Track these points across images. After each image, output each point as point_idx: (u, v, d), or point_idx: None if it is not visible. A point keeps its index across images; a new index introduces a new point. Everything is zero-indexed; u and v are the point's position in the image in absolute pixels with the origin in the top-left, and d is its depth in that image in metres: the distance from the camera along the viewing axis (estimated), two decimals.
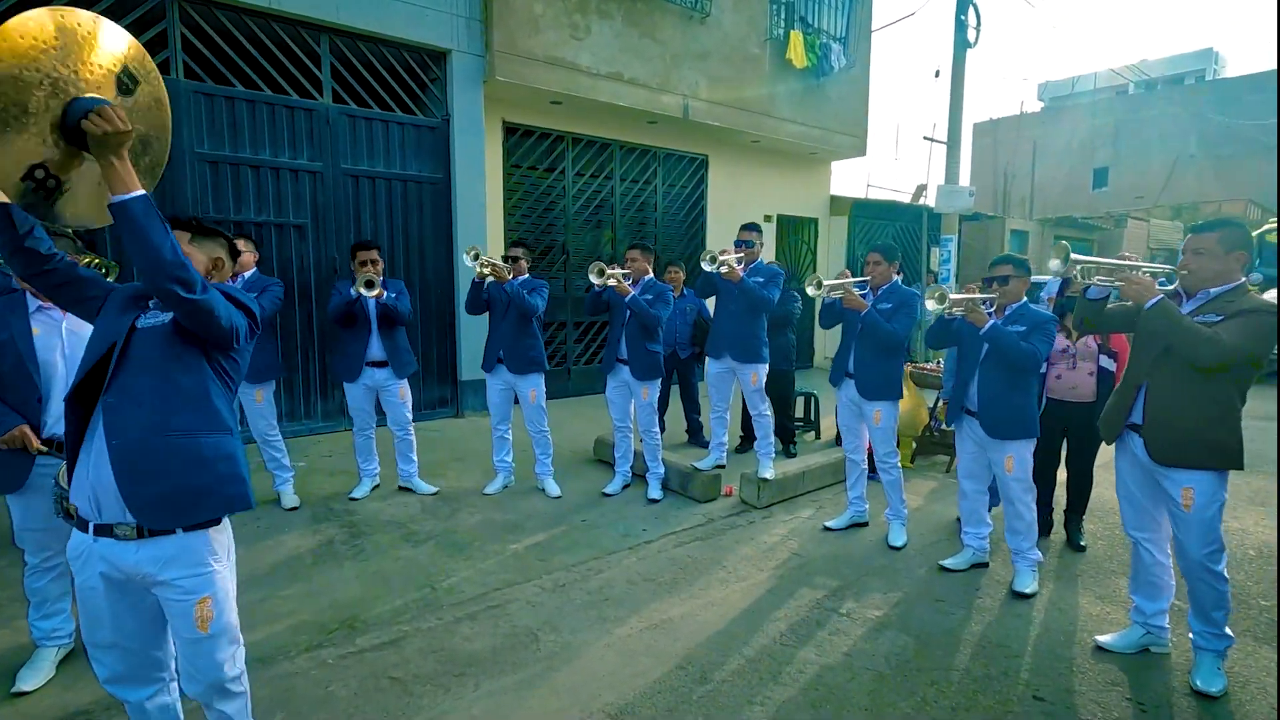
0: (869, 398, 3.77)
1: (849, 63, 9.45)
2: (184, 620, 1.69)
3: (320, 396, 6.08)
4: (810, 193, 10.51)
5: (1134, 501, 2.73)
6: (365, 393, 4.33)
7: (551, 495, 4.52)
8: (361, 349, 4.25)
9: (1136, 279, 2.47)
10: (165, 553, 1.65)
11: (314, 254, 5.95)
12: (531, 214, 7.59)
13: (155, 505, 1.61)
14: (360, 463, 4.49)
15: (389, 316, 4.22)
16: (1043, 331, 3.14)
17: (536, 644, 2.80)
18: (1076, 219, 18.02)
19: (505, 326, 4.38)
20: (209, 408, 1.70)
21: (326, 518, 4.10)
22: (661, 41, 7.60)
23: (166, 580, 1.66)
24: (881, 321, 3.67)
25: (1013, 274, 3.26)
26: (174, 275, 1.52)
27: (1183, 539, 2.52)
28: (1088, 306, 2.73)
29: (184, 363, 1.66)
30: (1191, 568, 2.52)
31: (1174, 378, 2.47)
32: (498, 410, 4.54)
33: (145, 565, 1.64)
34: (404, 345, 4.39)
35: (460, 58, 6.36)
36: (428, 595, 3.21)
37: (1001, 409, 3.20)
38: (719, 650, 2.77)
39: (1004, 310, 3.29)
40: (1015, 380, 3.19)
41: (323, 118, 5.85)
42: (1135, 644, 2.78)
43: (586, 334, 8.19)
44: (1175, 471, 2.49)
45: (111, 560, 1.65)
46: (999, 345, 3.14)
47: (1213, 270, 2.47)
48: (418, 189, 6.44)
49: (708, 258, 4.11)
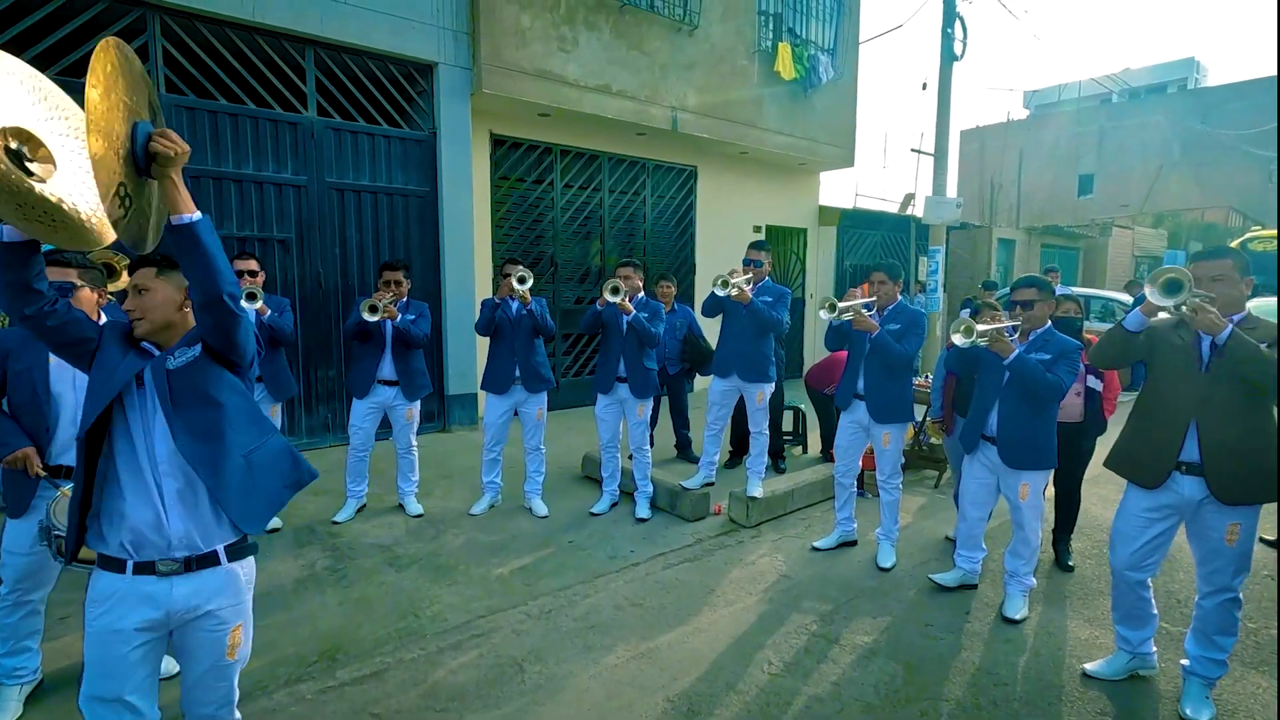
0: (880, 420, 3.72)
1: (837, 74, 9.49)
2: (216, 649, 1.75)
3: (305, 412, 6.01)
4: (799, 203, 10.54)
5: (1137, 544, 2.60)
6: (371, 410, 4.29)
7: (539, 515, 4.47)
8: (373, 366, 4.23)
9: (1209, 309, 2.29)
10: (212, 584, 1.71)
11: (299, 268, 5.88)
12: (519, 226, 7.55)
13: (259, 514, 1.76)
14: (349, 483, 4.43)
15: (403, 338, 4.19)
16: (1068, 361, 3.05)
17: (521, 675, 2.76)
18: (1063, 227, 18.18)
19: (519, 346, 4.36)
20: (260, 418, 1.84)
21: (309, 541, 4.04)
22: (649, 53, 7.59)
23: (211, 610, 1.71)
24: (892, 343, 3.63)
25: (1037, 298, 3.16)
26: (231, 290, 1.64)
27: (1217, 571, 2.47)
28: (1128, 338, 2.58)
29: (226, 386, 1.76)
30: (1215, 594, 2.49)
31: (1226, 412, 2.38)
32: (497, 432, 4.48)
33: (191, 598, 1.68)
34: (419, 367, 4.36)
35: (447, 70, 6.32)
36: (411, 623, 3.15)
37: (1022, 438, 3.13)
38: (706, 681, 2.74)
39: (1027, 335, 3.20)
40: (1036, 409, 3.11)
41: (307, 131, 5.80)
42: (1123, 670, 2.76)
43: (575, 346, 8.15)
44: (1231, 508, 2.40)
45: (154, 598, 1.65)
46: (1023, 376, 3.05)
47: (1232, 296, 2.40)
48: (404, 202, 6.39)
49: (719, 282, 4.07)
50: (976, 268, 14.63)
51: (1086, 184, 32.99)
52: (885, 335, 3.65)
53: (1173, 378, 2.50)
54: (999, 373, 3.18)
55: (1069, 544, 3.93)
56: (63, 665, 2.67)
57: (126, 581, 1.63)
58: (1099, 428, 3.85)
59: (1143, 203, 25.96)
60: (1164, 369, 2.54)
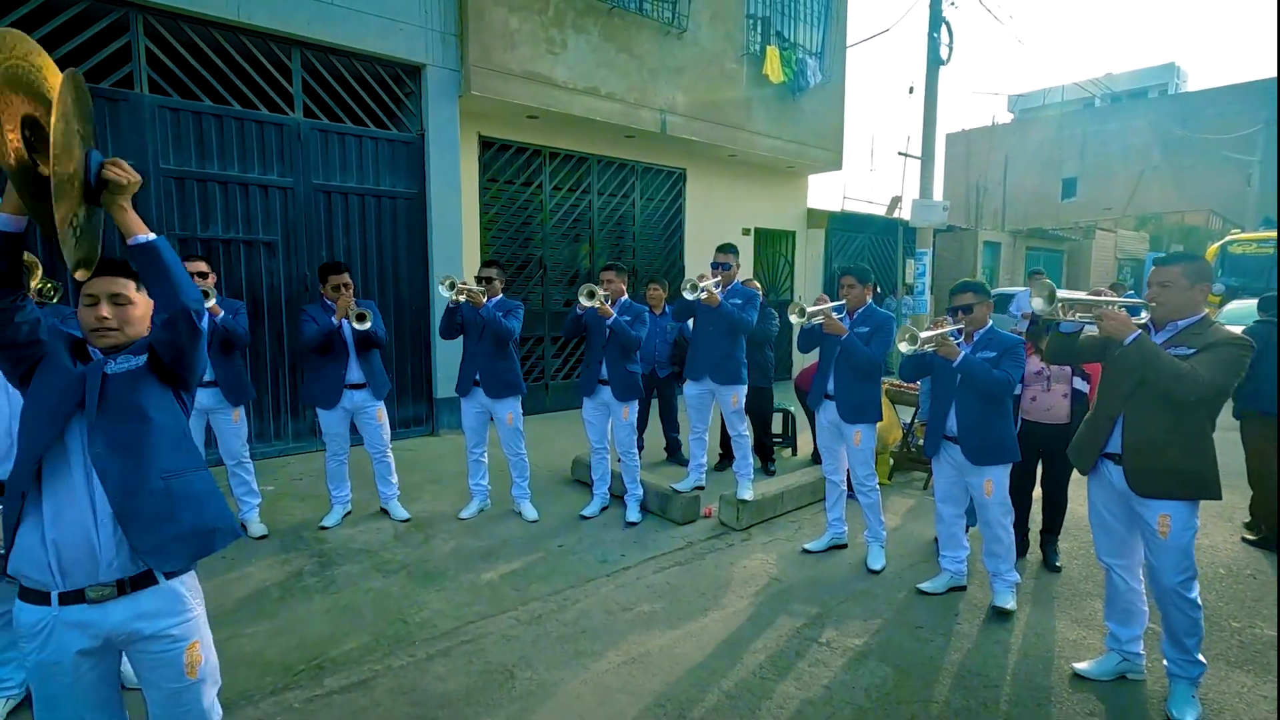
0: (849, 420, 3.76)
1: (825, 78, 9.54)
2: (172, 670, 1.65)
3: (290, 416, 5.95)
4: (787, 206, 10.58)
5: (1108, 528, 2.74)
6: (342, 416, 4.24)
7: (528, 519, 4.45)
8: (340, 373, 4.16)
9: (1114, 314, 2.48)
10: (150, 606, 1.61)
11: (284, 271, 5.82)
12: (508, 229, 7.52)
13: (170, 548, 1.60)
14: (332, 489, 4.38)
15: (368, 340, 4.14)
16: (1012, 356, 3.16)
17: (511, 682, 2.74)
18: (1047, 230, 18.37)
19: (481, 350, 4.31)
20: (189, 445, 1.73)
21: (295, 546, 3.99)
22: (638, 56, 7.60)
23: (155, 633, 1.62)
24: (860, 345, 3.68)
25: (975, 301, 3.28)
26: (195, 305, 1.64)
27: (1157, 565, 2.54)
28: (1061, 341, 2.76)
29: (160, 403, 1.68)
30: (1165, 594, 2.54)
31: (1150, 410, 2.49)
32: (474, 433, 4.47)
33: (130, 623, 1.58)
34: (379, 366, 4.32)
35: (435, 72, 6.29)
36: (399, 630, 3.12)
37: (981, 435, 3.21)
38: (697, 686, 2.73)
39: (972, 336, 3.30)
40: (991, 406, 3.20)
41: (294, 133, 5.75)
42: (1112, 671, 2.78)
43: (564, 349, 8.13)
44: (1154, 500, 2.50)
45: (87, 626, 1.55)
46: (973, 376, 3.15)
47: (1178, 302, 2.51)
48: (392, 204, 6.35)
49: (688, 286, 4.10)
50: (963, 270, 14.75)
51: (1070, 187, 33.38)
52: (854, 338, 3.71)
53: (1113, 377, 2.65)
54: (951, 375, 3.27)
55: (1056, 544, 3.96)
56: None
57: (51, 615, 1.53)
58: None
59: (1125, 206, 26.29)
60: (1110, 367, 2.68)
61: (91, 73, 4.88)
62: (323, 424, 4.26)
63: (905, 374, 3.58)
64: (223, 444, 4.02)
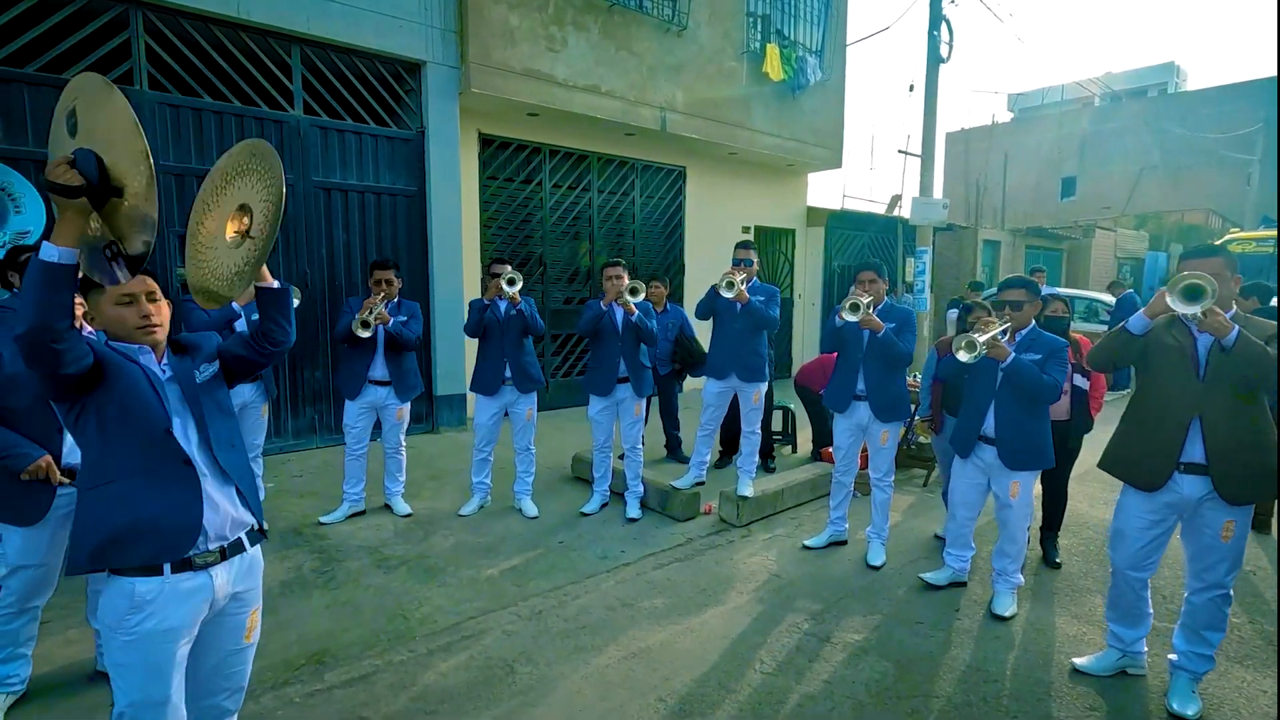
0: (882, 419, 3.72)
1: (824, 76, 9.54)
2: (236, 633, 1.81)
3: (291, 413, 5.94)
4: (787, 204, 10.57)
5: (1139, 544, 2.61)
6: (364, 411, 4.26)
7: (529, 516, 4.45)
8: (364, 367, 4.19)
9: (1218, 311, 2.28)
10: (243, 567, 1.80)
11: (284, 268, 5.81)
12: (508, 226, 7.52)
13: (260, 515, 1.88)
14: (346, 486, 4.36)
15: (396, 340, 4.16)
16: (1057, 359, 3.08)
17: (512, 677, 2.74)
18: (1047, 229, 18.38)
19: (509, 347, 4.33)
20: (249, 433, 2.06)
21: (296, 543, 3.99)
22: (638, 54, 7.59)
23: (238, 593, 1.79)
24: (896, 341, 3.62)
25: (1025, 299, 3.19)
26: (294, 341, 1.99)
27: (1210, 567, 2.49)
28: (1129, 341, 2.54)
29: (230, 400, 1.93)
30: (1206, 590, 2.51)
31: (1228, 410, 2.39)
32: (487, 433, 4.46)
33: (231, 584, 1.76)
34: (411, 367, 4.34)
35: (435, 69, 6.29)
36: (400, 626, 3.12)
37: (1021, 439, 3.14)
38: (698, 681, 2.73)
39: (1014, 336, 3.22)
40: (1033, 409, 3.13)
41: (293, 130, 5.74)
42: (1112, 667, 2.78)
43: (564, 347, 8.13)
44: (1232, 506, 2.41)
45: (199, 591, 1.69)
46: (1020, 378, 3.06)
47: (1225, 295, 2.38)
48: (391, 202, 6.35)
49: (724, 283, 4.10)
50: (962, 269, 14.77)
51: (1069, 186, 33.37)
52: (890, 333, 3.65)
53: (1169, 379, 2.48)
54: (991, 375, 3.19)
55: (1056, 541, 3.96)
56: (41, 671, 2.61)
57: (167, 581, 1.65)
58: (1086, 426, 3.88)
59: (1125, 205, 26.31)
60: (1159, 371, 2.52)
61: (91, 69, 4.87)
62: (346, 416, 4.30)
63: (945, 373, 3.54)
64: (245, 438, 4.06)
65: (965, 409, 3.37)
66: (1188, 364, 2.44)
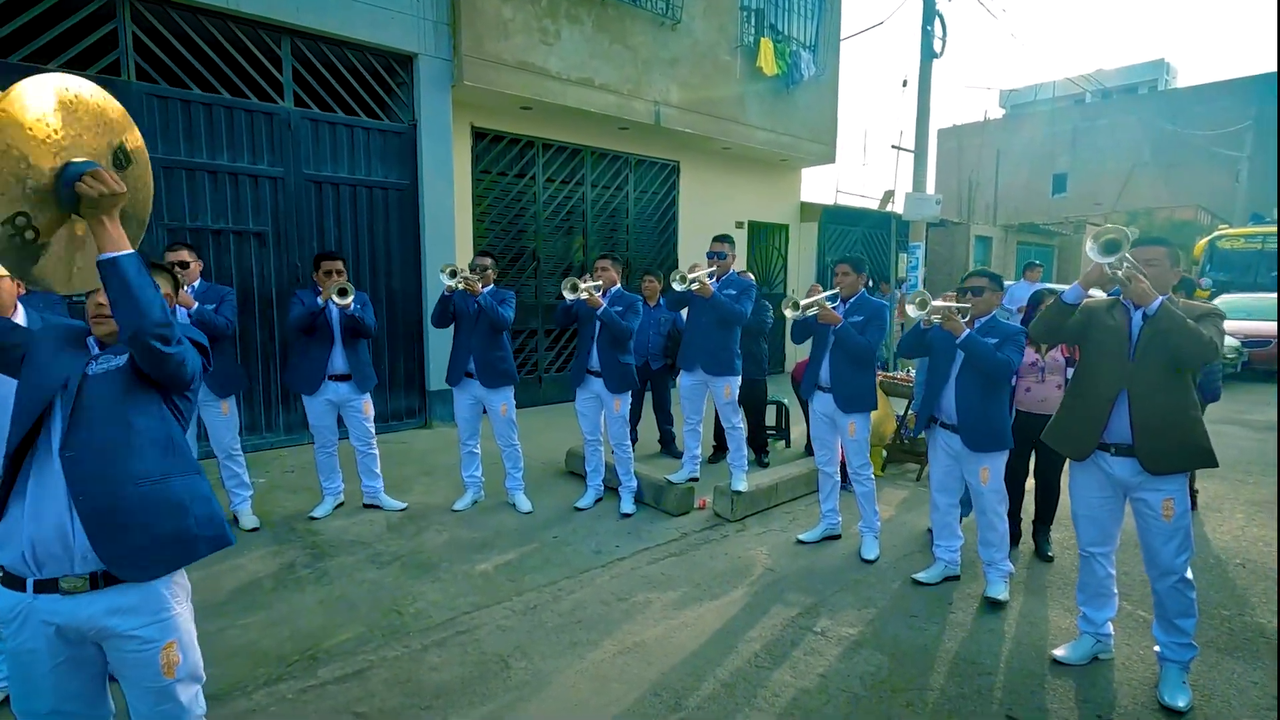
0: (845, 410, 3.77)
1: (818, 70, 9.52)
2: (148, 670, 1.61)
3: (282, 409, 5.90)
4: (781, 199, 10.57)
5: (1096, 519, 2.73)
6: (326, 407, 4.20)
7: (522, 511, 4.44)
8: (323, 361, 4.11)
9: (1141, 278, 2.43)
10: (124, 602, 1.57)
11: (275, 262, 5.77)
12: (501, 220, 7.48)
13: (137, 558, 1.56)
14: (322, 480, 4.36)
15: (354, 328, 4.10)
16: (1014, 343, 3.17)
17: (507, 672, 2.73)
18: (1038, 225, 18.46)
19: (474, 339, 4.29)
20: (175, 449, 1.66)
21: (288, 539, 3.96)
22: (632, 48, 7.56)
23: (126, 633, 1.57)
24: (855, 334, 3.67)
25: (987, 286, 3.30)
26: (159, 333, 1.51)
27: (1159, 548, 2.55)
28: (1063, 311, 2.68)
29: (142, 406, 1.63)
30: (1165, 576, 2.56)
31: (1155, 386, 2.50)
32: (467, 425, 4.45)
33: (101, 618, 1.55)
34: (366, 358, 4.28)
35: (427, 62, 6.23)
36: (394, 621, 3.10)
37: (979, 422, 3.22)
38: (693, 674, 2.73)
39: (975, 322, 3.31)
40: (989, 392, 3.21)
41: (284, 121, 5.68)
42: (1088, 654, 2.82)
43: (558, 342, 8.10)
44: (1162, 481, 2.51)
45: (61, 617, 1.53)
46: (974, 354, 3.14)
47: (1162, 281, 2.53)
48: (384, 195, 6.30)
49: (677, 277, 4.07)
50: (954, 264, 14.82)
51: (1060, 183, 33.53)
52: (848, 327, 3.69)
53: (1103, 357, 2.63)
54: (950, 356, 3.29)
55: (1048, 534, 3.98)
56: None
57: (28, 600, 1.52)
58: None
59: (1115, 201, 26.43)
60: (1096, 348, 2.66)
61: (78, 59, 4.81)
62: (309, 415, 4.24)
63: (905, 349, 3.58)
64: (213, 436, 3.99)
65: (925, 389, 3.47)
66: (1121, 344, 2.58)
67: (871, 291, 8.91)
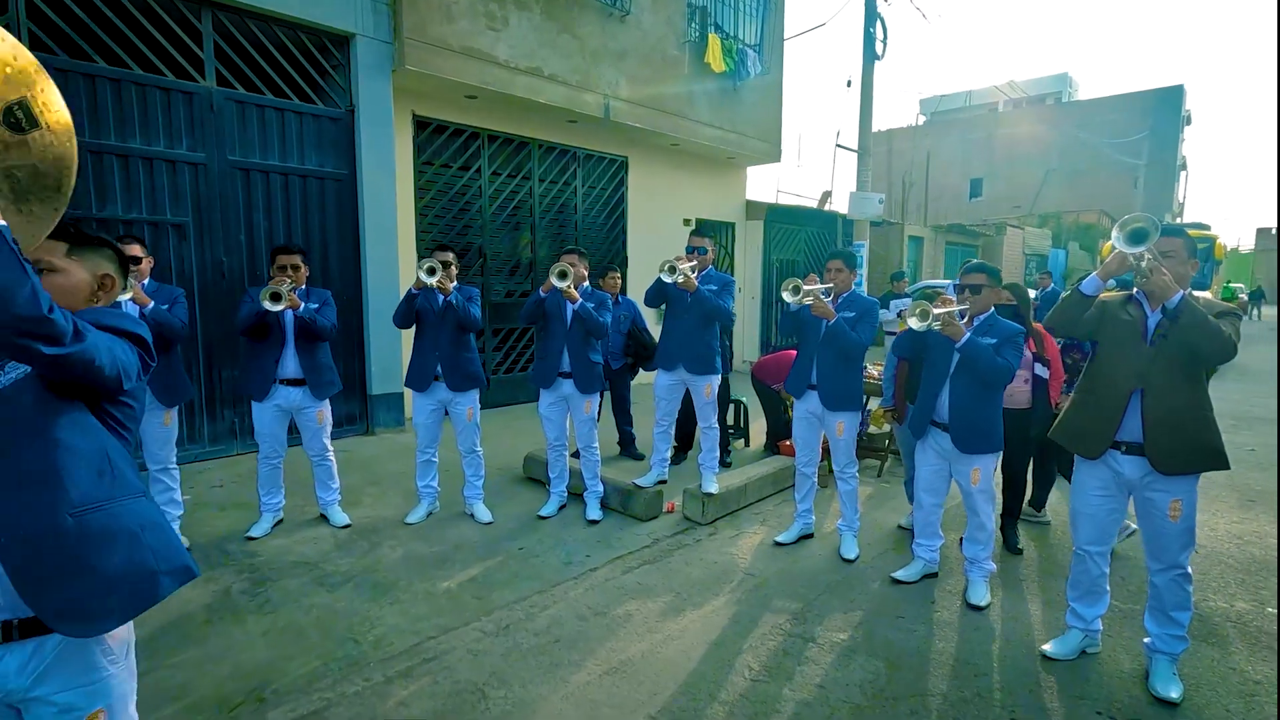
0: (833, 409, 3.67)
1: (764, 70, 9.54)
2: None
3: (208, 417, 5.39)
4: (727, 197, 10.56)
5: (1096, 518, 2.69)
6: (276, 415, 3.82)
7: (483, 521, 4.16)
8: (273, 365, 3.74)
9: (1164, 271, 2.35)
10: (42, 659, 1.28)
11: (197, 256, 5.26)
12: (445, 214, 7.11)
13: (84, 607, 1.25)
14: (262, 495, 3.96)
15: (309, 330, 3.74)
16: (1013, 345, 3.09)
17: (485, 702, 2.48)
18: (965, 226, 19.25)
19: (442, 340, 3.99)
20: (112, 469, 1.35)
21: (221, 562, 3.57)
22: (581, 38, 7.33)
23: (41, 696, 1.28)
24: (848, 330, 3.57)
25: (985, 283, 3.19)
26: (27, 329, 1.12)
27: (1164, 546, 2.53)
28: (1082, 302, 2.58)
29: (69, 419, 1.31)
30: (1167, 571, 2.55)
31: (1170, 383, 2.44)
32: (427, 432, 4.13)
33: (13, 678, 1.26)
34: (325, 362, 3.91)
35: (365, 43, 5.84)
36: (351, 651, 2.80)
37: (973, 423, 3.15)
38: (687, 693, 2.56)
39: (972, 321, 3.22)
40: (985, 394, 3.14)
41: (205, 102, 5.18)
42: (1076, 649, 2.81)
43: (506, 341, 7.79)
44: (1170, 483, 2.47)
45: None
46: (974, 359, 3.06)
47: (1180, 273, 2.46)
48: (319, 185, 5.86)
49: (665, 268, 3.89)
50: (889, 263, 15.23)
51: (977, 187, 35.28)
52: (842, 323, 3.60)
53: (1118, 352, 2.57)
54: (947, 357, 3.20)
55: (1016, 528, 4.02)
56: None
57: None
58: (1046, 415, 3.94)
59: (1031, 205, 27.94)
60: (1111, 343, 2.60)
61: None
62: (255, 421, 3.84)
63: (901, 351, 3.51)
64: (148, 448, 3.56)
65: (922, 391, 3.37)
66: (1136, 338, 2.52)
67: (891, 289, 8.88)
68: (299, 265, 3.75)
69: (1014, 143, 33.90)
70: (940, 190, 32.08)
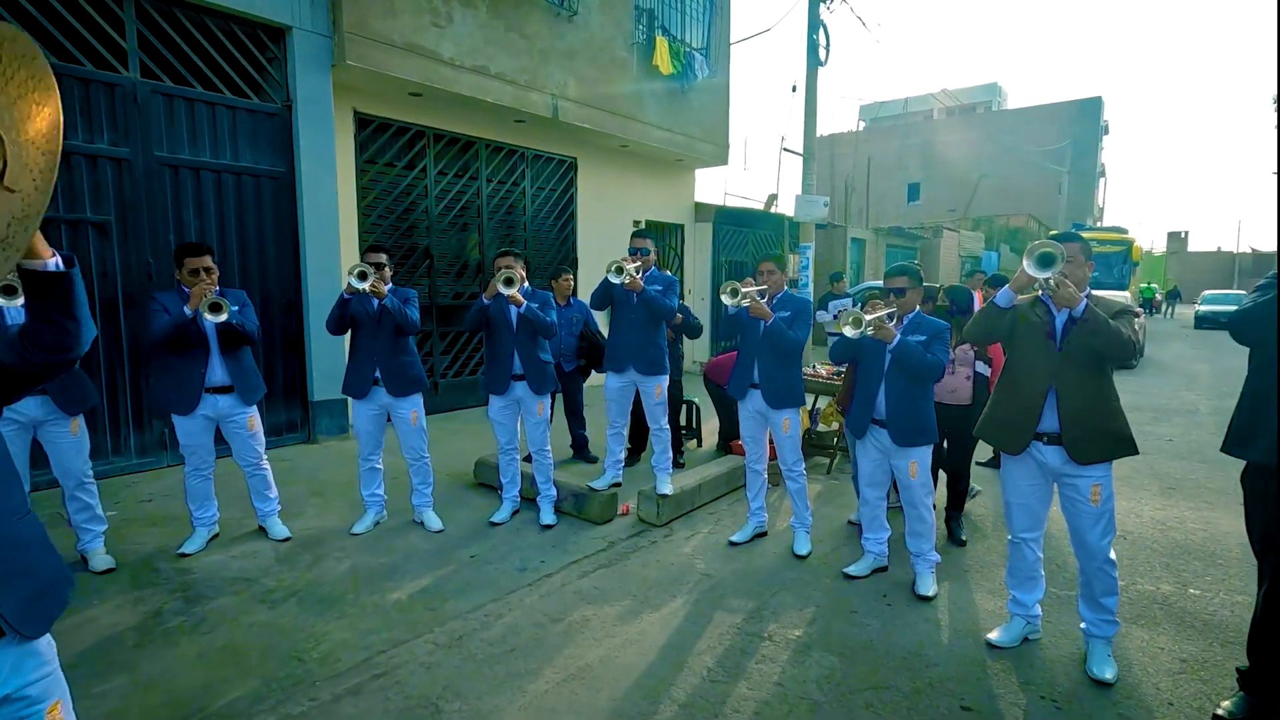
0: (776, 406, 3.73)
1: (711, 73, 9.63)
2: None
3: (134, 428, 5.09)
4: (676, 199, 10.62)
5: (1028, 506, 2.84)
6: (204, 425, 3.62)
7: (433, 530, 4.05)
8: (199, 374, 3.53)
9: (1069, 284, 2.51)
10: (6, 660, 1.30)
11: (121, 258, 4.96)
12: (389, 215, 6.92)
13: (33, 608, 1.30)
14: (194, 510, 3.75)
15: (234, 335, 3.55)
16: (941, 340, 3.24)
17: (438, 717, 2.41)
18: (904, 229, 19.87)
19: (380, 344, 3.86)
20: (16, 479, 1.36)
21: (151, 581, 3.36)
22: (528, 36, 7.25)
23: (9, 694, 1.31)
24: (786, 330, 3.64)
25: (908, 285, 3.34)
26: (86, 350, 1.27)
27: (1086, 532, 2.68)
28: (998, 314, 2.75)
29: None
30: (1092, 558, 2.69)
31: (1080, 380, 2.61)
32: (369, 439, 4.00)
33: None
34: (250, 366, 3.72)
35: (303, 36, 5.62)
36: (295, 669, 2.68)
37: (908, 418, 3.27)
38: (647, 698, 2.54)
39: (901, 320, 3.36)
40: (918, 389, 3.27)
41: (128, 94, 4.90)
42: (1019, 636, 2.93)
43: (454, 345, 7.63)
44: (1089, 469, 2.62)
45: None
46: (906, 360, 3.19)
47: (1079, 276, 2.63)
48: (254, 183, 5.61)
49: (613, 268, 3.87)
50: (833, 265, 15.60)
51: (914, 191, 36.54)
52: (779, 323, 3.67)
53: (1030, 352, 2.72)
54: (880, 358, 3.32)
55: (960, 520, 4.15)
56: None
57: None
58: None
59: (965, 209, 29.07)
60: (1024, 345, 2.76)
61: None
62: (180, 434, 3.62)
63: (836, 356, 3.59)
64: (58, 463, 3.31)
65: (858, 392, 3.49)
66: (1045, 339, 2.69)
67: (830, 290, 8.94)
68: (211, 267, 3.49)
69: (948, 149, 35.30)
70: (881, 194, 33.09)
